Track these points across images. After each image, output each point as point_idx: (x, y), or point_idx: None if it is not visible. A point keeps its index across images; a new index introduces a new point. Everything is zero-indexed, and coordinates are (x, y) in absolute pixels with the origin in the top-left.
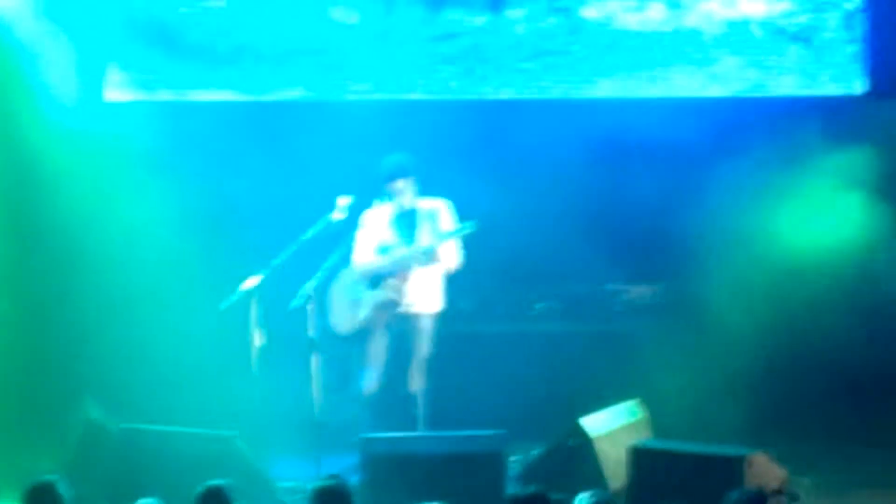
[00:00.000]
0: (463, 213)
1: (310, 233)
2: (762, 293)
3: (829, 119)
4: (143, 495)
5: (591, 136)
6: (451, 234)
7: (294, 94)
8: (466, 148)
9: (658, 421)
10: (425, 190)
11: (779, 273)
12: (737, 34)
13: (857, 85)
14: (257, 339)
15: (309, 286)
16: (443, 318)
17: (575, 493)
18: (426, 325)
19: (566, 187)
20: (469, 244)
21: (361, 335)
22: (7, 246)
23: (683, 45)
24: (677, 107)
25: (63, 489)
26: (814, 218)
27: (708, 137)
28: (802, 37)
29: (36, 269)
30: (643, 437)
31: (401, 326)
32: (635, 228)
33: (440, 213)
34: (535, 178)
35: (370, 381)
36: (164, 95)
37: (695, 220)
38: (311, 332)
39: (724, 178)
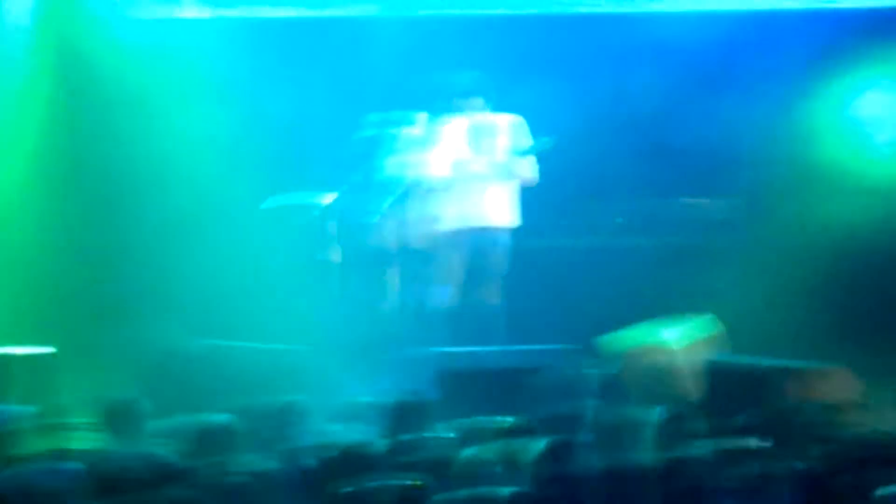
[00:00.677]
0: (538, 128)
1: (384, 148)
2: (838, 208)
3: None
4: (219, 410)
5: (667, 49)
6: (527, 150)
7: (367, 10)
8: (542, 63)
9: (733, 335)
10: (500, 106)
11: (854, 187)
12: None
13: None
14: (333, 255)
15: (384, 201)
16: (519, 233)
17: (651, 407)
18: (502, 240)
19: (642, 101)
20: (544, 159)
21: (437, 249)
22: (76, 165)
23: None
24: (750, 19)
25: (141, 406)
26: (889, 133)
27: (781, 51)
28: None
29: (105, 187)
30: (718, 352)
31: (477, 241)
32: (711, 142)
33: (515, 128)
34: (610, 92)
35: (447, 295)
36: (234, 12)
37: (770, 136)
38: (387, 247)
39: (799, 93)
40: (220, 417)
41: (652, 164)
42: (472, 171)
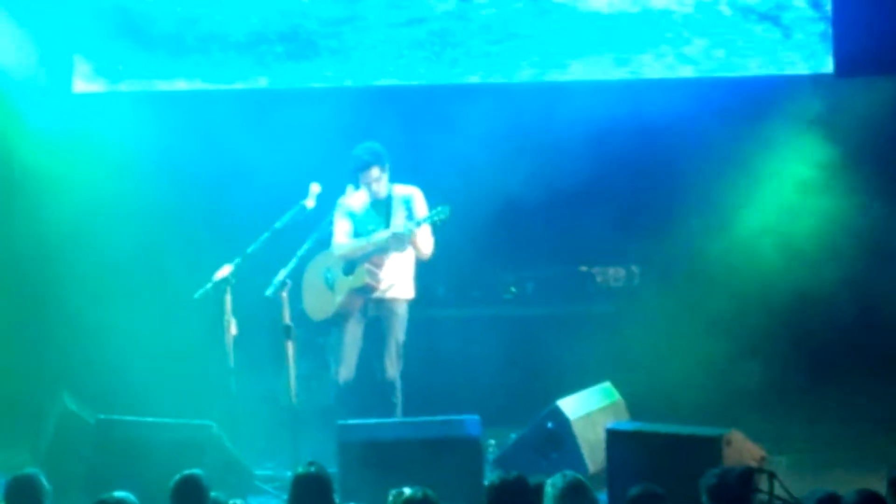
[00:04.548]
0: (435, 198)
1: (282, 220)
2: (736, 274)
3: (797, 98)
4: (121, 486)
5: (562, 118)
6: (424, 220)
7: (262, 82)
8: (437, 132)
9: (635, 402)
10: (397, 176)
11: (752, 253)
12: (706, 14)
13: (825, 64)
14: (232, 328)
15: (282, 274)
16: (417, 304)
17: (553, 476)
18: (401, 311)
19: (537, 170)
20: (442, 229)
21: (336, 321)
22: None
23: (652, 27)
24: (647, 88)
25: (43, 482)
26: (784, 198)
27: (679, 119)
28: (771, 16)
29: (9, 264)
30: (620, 419)
31: (375, 312)
32: (608, 210)
33: (414, 199)
34: (506, 161)
35: (346, 367)
36: (132, 86)
37: (667, 202)
38: (285, 320)
39: (695, 160)
40: (120, 494)
41: (547, 233)
42: (369, 242)
